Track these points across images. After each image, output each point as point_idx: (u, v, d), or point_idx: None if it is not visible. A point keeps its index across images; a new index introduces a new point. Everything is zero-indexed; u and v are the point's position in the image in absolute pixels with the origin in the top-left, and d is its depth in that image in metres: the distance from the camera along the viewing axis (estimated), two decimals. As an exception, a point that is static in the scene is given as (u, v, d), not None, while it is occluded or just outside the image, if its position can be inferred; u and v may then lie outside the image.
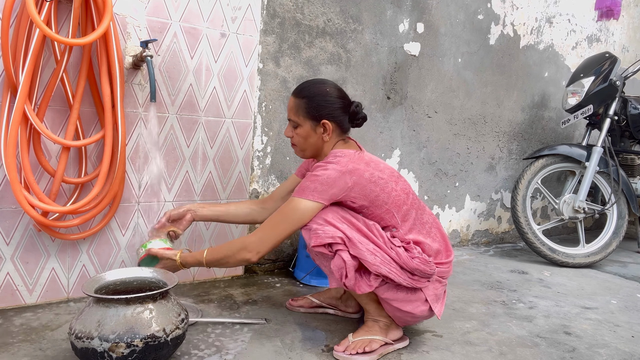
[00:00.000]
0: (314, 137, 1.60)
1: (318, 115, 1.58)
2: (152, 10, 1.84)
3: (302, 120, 1.59)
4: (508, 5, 3.05)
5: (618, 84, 2.81)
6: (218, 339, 1.58)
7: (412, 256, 1.50)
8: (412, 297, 1.54)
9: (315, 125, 1.59)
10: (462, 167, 3.07)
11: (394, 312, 1.56)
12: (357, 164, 1.52)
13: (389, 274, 1.46)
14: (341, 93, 1.64)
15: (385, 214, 1.55)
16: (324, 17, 2.34)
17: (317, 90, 1.60)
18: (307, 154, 1.66)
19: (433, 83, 2.82)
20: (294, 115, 1.61)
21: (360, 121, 1.67)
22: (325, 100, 1.58)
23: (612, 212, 2.90)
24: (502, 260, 2.90)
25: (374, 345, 1.53)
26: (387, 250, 1.48)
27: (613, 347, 1.71)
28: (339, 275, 1.46)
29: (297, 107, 1.59)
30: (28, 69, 1.50)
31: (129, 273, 1.48)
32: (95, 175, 1.75)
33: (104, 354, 1.21)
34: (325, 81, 1.64)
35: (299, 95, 1.60)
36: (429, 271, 1.52)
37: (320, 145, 1.63)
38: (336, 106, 1.59)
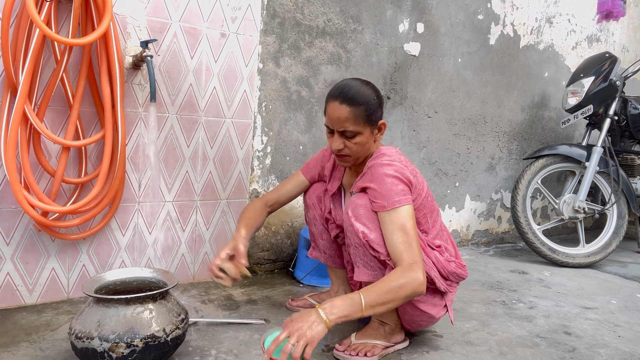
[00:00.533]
0: (371, 141, 1.51)
1: (376, 119, 1.49)
2: (152, 10, 1.84)
3: (362, 127, 1.45)
4: (508, 5, 3.05)
5: (618, 84, 2.81)
6: (218, 338, 1.58)
7: (449, 260, 1.51)
8: (439, 301, 1.54)
9: (373, 129, 1.49)
10: (462, 167, 3.07)
11: (414, 315, 1.53)
12: (410, 164, 1.50)
13: (435, 278, 1.47)
14: (377, 89, 1.54)
15: (422, 218, 1.53)
16: (324, 17, 2.34)
17: (368, 94, 1.47)
18: (360, 161, 1.55)
19: (433, 83, 2.82)
20: (351, 124, 1.44)
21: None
22: (377, 101, 1.49)
23: (612, 212, 2.90)
24: (502, 260, 2.90)
25: (376, 350, 1.52)
26: (429, 254, 1.48)
27: (613, 347, 1.71)
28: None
29: (355, 115, 1.43)
30: (28, 69, 1.50)
31: (129, 273, 1.47)
32: (95, 175, 1.75)
33: (104, 354, 1.21)
34: (364, 82, 1.51)
35: (353, 102, 1.43)
36: (463, 275, 1.53)
37: (370, 147, 1.53)
38: (382, 103, 1.52)
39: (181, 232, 2.04)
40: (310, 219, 1.82)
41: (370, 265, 1.49)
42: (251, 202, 1.72)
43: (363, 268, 1.50)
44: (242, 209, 2.18)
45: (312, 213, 1.79)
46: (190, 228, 2.06)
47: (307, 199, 1.80)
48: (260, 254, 2.31)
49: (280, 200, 1.80)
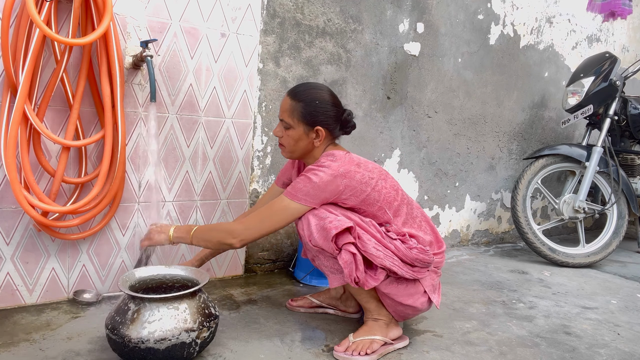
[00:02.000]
0: (305, 141, 1.62)
1: (313, 121, 1.59)
2: (152, 10, 1.84)
3: (296, 122, 1.59)
4: (508, 5, 3.05)
5: (618, 84, 2.81)
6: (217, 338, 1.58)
7: (410, 247, 1.53)
8: (413, 289, 1.56)
9: (308, 130, 1.60)
10: (462, 167, 3.07)
11: (396, 307, 1.58)
12: (349, 166, 1.54)
13: (392, 267, 1.48)
14: (336, 100, 1.65)
15: (378, 211, 1.57)
16: (324, 17, 2.34)
17: (314, 95, 1.60)
18: (295, 156, 1.67)
19: (433, 83, 2.82)
20: (287, 116, 1.60)
21: (350, 129, 1.69)
22: (322, 106, 1.59)
23: (612, 212, 2.90)
24: (502, 260, 2.90)
25: (375, 346, 1.53)
26: (386, 244, 1.50)
27: (613, 347, 1.71)
28: (348, 271, 1.45)
29: (292, 109, 1.59)
30: (28, 69, 1.50)
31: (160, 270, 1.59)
32: (95, 175, 1.74)
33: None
34: (322, 87, 1.65)
35: (295, 97, 1.60)
36: (428, 259, 1.55)
37: (309, 150, 1.64)
38: (330, 114, 1.61)
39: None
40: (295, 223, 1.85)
41: (335, 269, 1.53)
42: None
43: (331, 274, 1.55)
44: (242, 209, 2.19)
45: None
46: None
47: None
48: (260, 254, 2.31)
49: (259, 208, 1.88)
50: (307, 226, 1.51)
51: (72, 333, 1.55)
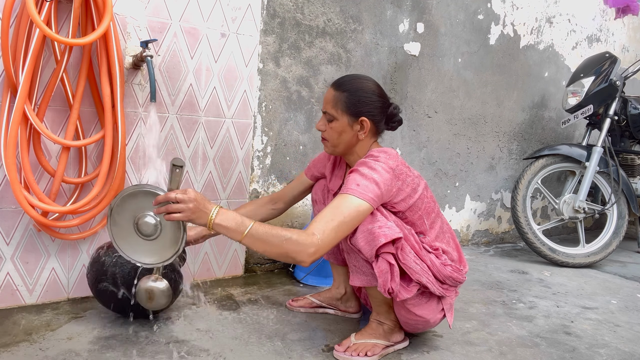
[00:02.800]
0: (349, 133, 1.51)
1: (357, 112, 1.49)
2: (152, 10, 1.84)
3: (340, 114, 1.50)
4: (508, 5, 3.05)
5: (618, 84, 2.81)
6: (217, 338, 1.58)
7: (444, 263, 1.49)
8: (434, 305, 1.52)
9: (352, 121, 1.50)
10: (462, 167, 3.07)
11: (410, 318, 1.53)
12: (402, 166, 1.47)
13: (427, 283, 1.44)
14: (382, 92, 1.55)
15: (417, 220, 1.51)
16: (324, 17, 2.34)
17: (359, 85, 1.51)
18: (338, 151, 1.56)
19: (433, 83, 2.82)
20: (331, 107, 1.51)
21: (396, 124, 1.59)
22: (367, 96, 1.50)
23: (612, 212, 2.90)
24: (502, 260, 2.90)
25: (376, 349, 1.52)
26: (423, 257, 1.45)
27: (613, 347, 1.71)
28: (383, 280, 1.38)
29: (336, 100, 1.50)
30: (28, 69, 1.50)
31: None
32: (95, 175, 1.74)
33: None
34: (368, 78, 1.56)
35: (339, 88, 1.51)
36: (460, 279, 1.51)
37: (353, 143, 1.54)
38: (377, 105, 1.51)
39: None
40: (315, 214, 1.82)
41: (362, 271, 1.49)
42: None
43: (356, 273, 1.50)
44: (242, 209, 2.18)
45: (317, 208, 1.79)
46: (190, 228, 2.06)
47: (313, 194, 1.81)
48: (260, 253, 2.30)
49: (285, 197, 1.83)
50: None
51: (72, 333, 1.55)
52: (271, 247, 1.29)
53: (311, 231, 1.30)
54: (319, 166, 1.78)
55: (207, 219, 1.27)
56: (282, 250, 1.28)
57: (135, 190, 1.34)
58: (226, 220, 1.27)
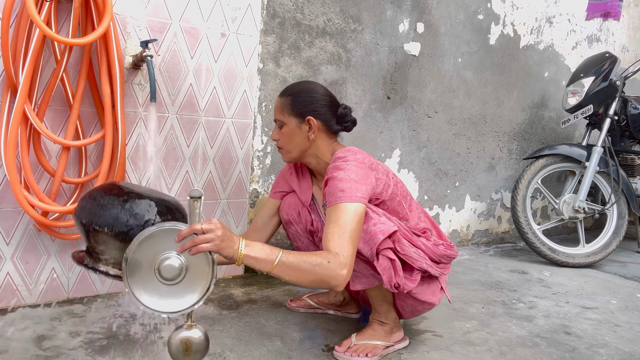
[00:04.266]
0: (299, 135, 1.53)
1: (302, 112, 1.52)
2: (152, 10, 1.84)
3: (287, 117, 1.53)
4: (508, 5, 3.05)
5: (618, 84, 2.81)
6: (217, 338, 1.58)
7: (436, 244, 1.51)
8: (434, 286, 1.55)
9: (300, 122, 1.52)
10: (462, 167, 3.07)
11: (416, 306, 1.55)
12: (371, 159, 1.49)
13: (428, 268, 1.46)
14: (328, 92, 1.58)
15: (397, 206, 1.52)
16: (324, 17, 2.34)
17: (302, 87, 1.56)
18: (294, 156, 1.57)
19: (433, 83, 2.82)
20: (279, 114, 1.55)
21: (350, 124, 1.60)
22: (310, 96, 1.53)
23: (612, 212, 2.90)
24: (502, 260, 2.90)
25: (377, 350, 1.52)
26: (416, 243, 1.47)
27: (613, 347, 1.71)
28: (387, 277, 1.38)
29: (282, 105, 1.54)
30: (28, 69, 1.50)
31: None
32: (95, 175, 1.75)
33: None
34: (312, 81, 1.62)
35: (284, 94, 1.56)
36: (453, 254, 1.53)
37: (306, 146, 1.55)
38: (322, 103, 1.53)
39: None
40: (293, 235, 1.75)
41: (362, 273, 1.47)
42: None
43: (355, 278, 1.49)
44: (242, 209, 2.19)
45: (294, 229, 1.72)
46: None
47: (283, 215, 1.73)
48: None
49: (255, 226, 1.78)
50: None
51: (72, 333, 1.55)
52: (304, 274, 1.22)
53: (334, 251, 1.25)
54: (282, 182, 1.76)
55: (234, 249, 1.17)
56: (316, 277, 1.23)
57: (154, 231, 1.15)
58: (255, 251, 1.20)
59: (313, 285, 1.26)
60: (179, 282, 1.17)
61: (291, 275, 1.22)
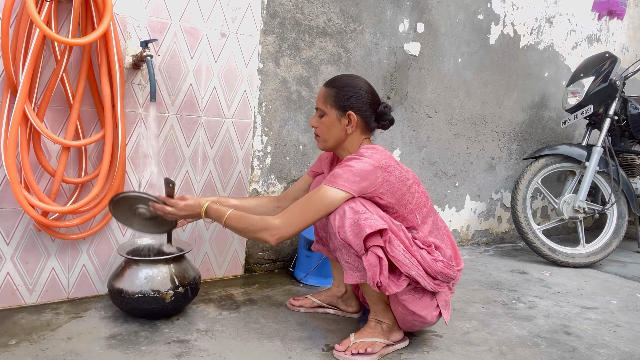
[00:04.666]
0: (338, 127, 1.58)
1: (345, 106, 1.56)
2: (152, 10, 1.84)
3: (329, 109, 1.57)
4: (508, 5, 3.05)
5: (618, 84, 2.81)
6: (217, 338, 1.58)
7: (436, 259, 1.50)
8: (428, 301, 1.54)
9: (340, 115, 1.57)
10: (462, 167, 3.07)
11: (406, 315, 1.54)
12: (389, 161, 1.51)
13: (417, 277, 1.45)
14: (372, 90, 1.62)
15: (409, 214, 1.53)
16: (324, 17, 2.34)
17: (348, 81, 1.60)
18: (329, 145, 1.62)
19: (433, 83, 2.82)
20: (321, 103, 1.59)
21: (387, 123, 1.64)
22: (354, 91, 1.57)
23: (612, 212, 2.90)
24: (502, 260, 2.90)
25: (376, 347, 1.53)
26: (413, 252, 1.47)
27: (613, 347, 1.71)
28: (372, 274, 1.40)
29: (326, 95, 1.58)
30: (28, 69, 1.50)
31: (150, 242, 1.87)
32: (95, 175, 1.75)
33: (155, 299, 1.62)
34: (358, 76, 1.63)
35: (330, 84, 1.60)
36: (452, 275, 1.52)
37: (342, 138, 1.60)
38: (364, 100, 1.58)
39: (181, 232, 2.04)
40: None
41: (355, 267, 1.48)
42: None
43: (349, 270, 1.50)
44: (242, 208, 2.19)
45: None
46: (190, 228, 2.06)
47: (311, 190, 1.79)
48: (260, 253, 2.31)
49: (288, 195, 1.85)
50: (341, 217, 1.43)
51: (72, 333, 1.55)
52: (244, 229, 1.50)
53: (277, 219, 1.47)
54: (318, 164, 1.83)
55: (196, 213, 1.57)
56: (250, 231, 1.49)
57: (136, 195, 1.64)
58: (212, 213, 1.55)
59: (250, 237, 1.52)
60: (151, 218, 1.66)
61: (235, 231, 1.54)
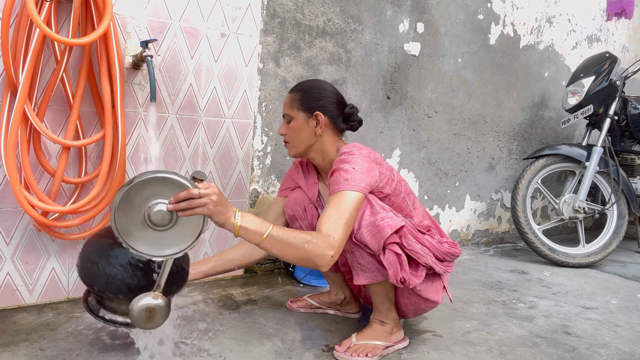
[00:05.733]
0: (306, 130, 1.57)
1: (312, 107, 1.56)
2: (152, 10, 1.84)
3: (296, 112, 1.57)
4: (508, 5, 3.05)
5: (618, 84, 2.81)
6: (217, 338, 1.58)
7: (440, 241, 1.53)
8: (438, 284, 1.56)
9: (308, 117, 1.56)
10: (462, 167, 3.07)
11: (419, 303, 1.56)
12: (375, 154, 1.52)
13: (433, 264, 1.47)
14: (336, 91, 1.63)
15: (402, 203, 1.55)
16: (324, 17, 2.34)
17: (312, 84, 1.61)
18: (299, 150, 1.60)
19: (433, 83, 2.82)
20: (288, 109, 1.59)
21: (356, 124, 1.64)
22: (319, 92, 1.58)
23: (612, 212, 2.90)
24: (502, 260, 2.90)
25: (377, 350, 1.53)
26: (421, 240, 1.49)
27: (613, 347, 1.71)
28: (393, 271, 1.39)
29: (292, 100, 1.59)
30: (28, 69, 1.50)
31: None
32: (95, 175, 1.75)
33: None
34: (321, 79, 1.65)
35: (294, 90, 1.61)
36: (457, 253, 1.55)
37: (312, 141, 1.58)
38: (330, 100, 1.58)
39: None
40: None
41: (367, 268, 1.48)
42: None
43: (360, 272, 1.50)
44: (242, 209, 2.19)
45: (298, 224, 1.70)
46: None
47: (288, 211, 1.72)
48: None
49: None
50: (358, 219, 1.40)
51: (72, 333, 1.55)
52: (292, 249, 1.24)
53: (325, 232, 1.27)
54: (288, 180, 1.79)
55: (226, 217, 1.19)
56: (304, 253, 1.25)
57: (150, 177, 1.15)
58: (247, 222, 1.22)
59: (299, 263, 1.28)
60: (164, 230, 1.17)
61: (279, 249, 1.24)
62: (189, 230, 1.19)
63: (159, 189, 1.15)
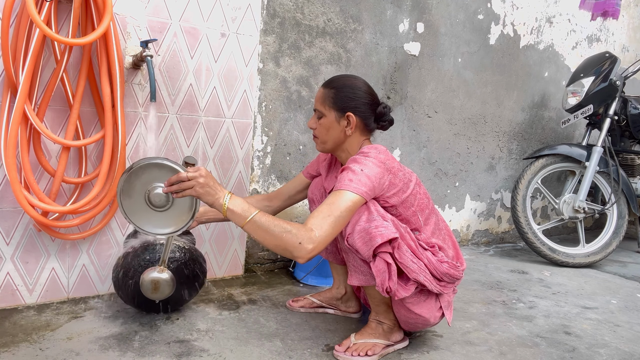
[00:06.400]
0: (337, 129, 1.55)
1: (344, 107, 1.53)
2: (152, 10, 1.84)
3: (328, 110, 1.55)
4: (508, 5, 3.05)
5: (618, 84, 2.81)
6: (217, 338, 1.58)
7: (441, 260, 1.49)
8: (432, 303, 1.53)
9: (339, 117, 1.54)
10: (462, 167, 3.07)
11: (409, 316, 1.53)
12: (393, 162, 1.49)
13: (425, 282, 1.44)
14: (371, 90, 1.59)
15: (412, 216, 1.52)
16: (324, 17, 2.34)
17: (346, 82, 1.57)
18: (327, 147, 1.60)
19: (433, 83, 2.82)
20: (320, 104, 1.56)
21: (387, 124, 1.62)
22: (353, 92, 1.54)
23: (612, 212, 2.90)
24: (502, 260, 2.90)
25: (377, 349, 1.53)
26: (420, 255, 1.45)
27: (613, 347, 1.71)
28: (380, 280, 1.39)
29: (325, 97, 1.56)
30: (28, 69, 1.50)
31: None
32: (95, 175, 1.75)
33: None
34: (357, 77, 1.60)
35: (328, 85, 1.57)
36: (458, 275, 1.51)
37: (341, 140, 1.57)
38: (363, 101, 1.55)
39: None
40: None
41: (360, 270, 1.48)
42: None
43: (355, 273, 1.50)
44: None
45: (313, 207, 1.78)
46: (190, 228, 2.06)
47: (309, 193, 1.79)
48: (260, 253, 2.31)
49: (281, 194, 1.86)
50: (352, 223, 1.40)
51: (72, 333, 1.55)
52: (271, 237, 1.29)
53: (309, 226, 1.30)
54: (315, 165, 1.82)
55: (214, 198, 1.30)
56: (281, 242, 1.29)
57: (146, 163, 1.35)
58: (234, 204, 1.31)
59: (277, 250, 1.31)
60: (164, 210, 1.39)
61: (259, 234, 1.30)
62: (184, 210, 1.39)
63: (156, 174, 1.35)
